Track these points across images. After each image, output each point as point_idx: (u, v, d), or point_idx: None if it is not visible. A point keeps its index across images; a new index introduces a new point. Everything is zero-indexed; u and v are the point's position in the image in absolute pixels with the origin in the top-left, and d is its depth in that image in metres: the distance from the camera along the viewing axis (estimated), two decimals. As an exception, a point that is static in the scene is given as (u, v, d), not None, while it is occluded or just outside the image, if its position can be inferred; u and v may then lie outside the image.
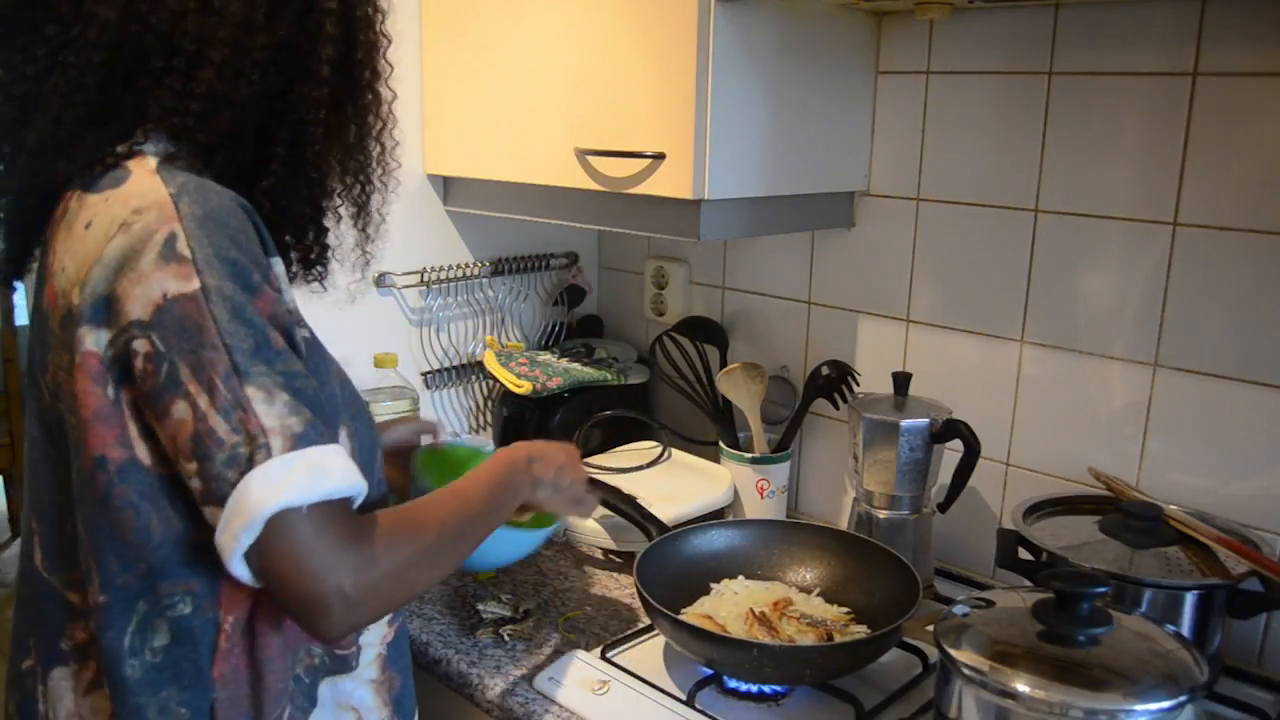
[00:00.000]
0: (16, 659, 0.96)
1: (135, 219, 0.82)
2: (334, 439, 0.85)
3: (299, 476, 0.79)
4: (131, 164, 0.87)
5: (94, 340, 0.83)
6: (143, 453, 0.85)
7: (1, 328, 3.36)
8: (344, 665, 0.97)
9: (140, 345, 0.80)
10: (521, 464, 1.07)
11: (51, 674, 0.93)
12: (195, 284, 0.80)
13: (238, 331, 0.81)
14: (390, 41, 1.00)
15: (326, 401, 0.90)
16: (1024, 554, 1.24)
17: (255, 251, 0.85)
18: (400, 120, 1.66)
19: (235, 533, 0.79)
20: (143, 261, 0.81)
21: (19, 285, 0.99)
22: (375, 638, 1.00)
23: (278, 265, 0.90)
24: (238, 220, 0.84)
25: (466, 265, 1.76)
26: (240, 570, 0.82)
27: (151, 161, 0.86)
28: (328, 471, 0.81)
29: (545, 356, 1.80)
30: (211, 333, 0.80)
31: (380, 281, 1.66)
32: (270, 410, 0.80)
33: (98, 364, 0.83)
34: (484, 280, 1.80)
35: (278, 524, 0.79)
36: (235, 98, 0.87)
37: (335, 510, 0.83)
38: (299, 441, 0.81)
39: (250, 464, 0.79)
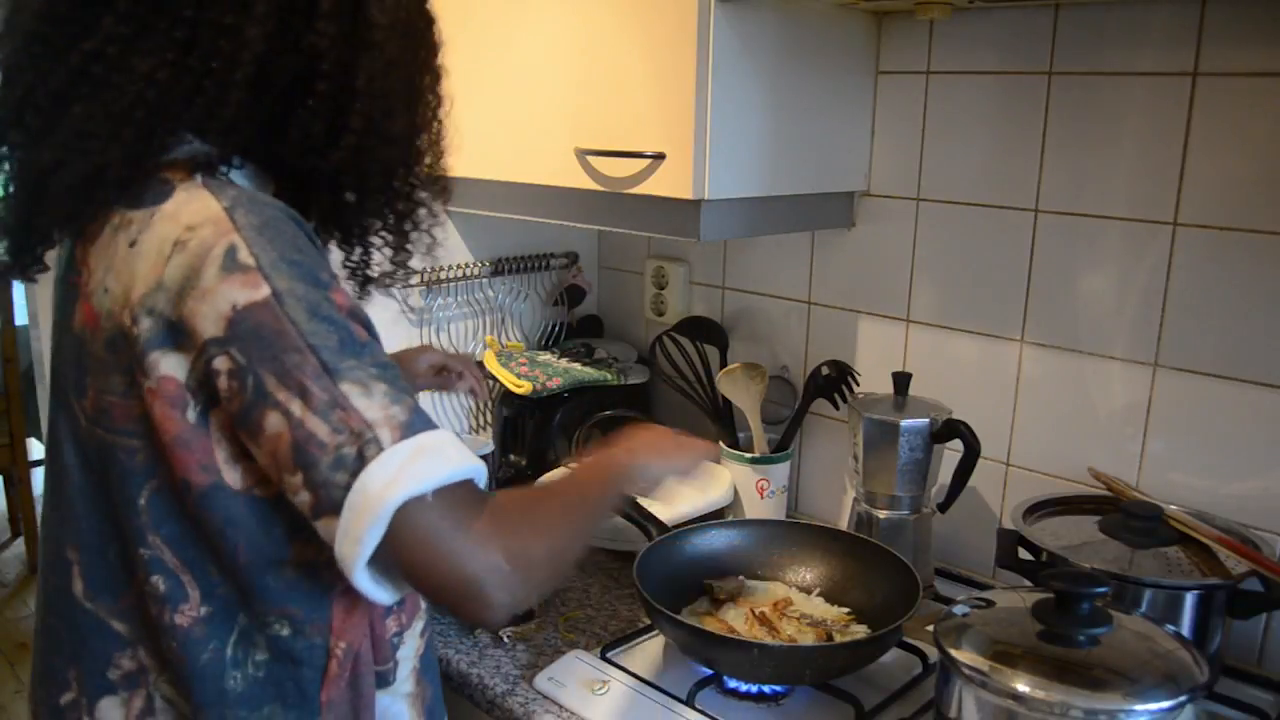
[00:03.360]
0: (53, 693, 0.92)
1: (190, 235, 0.78)
2: (435, 424, 0.81)
3: (418, 463, 0.76)
4: (173, 175, 0.83)
5: (170, 365, 0.79)
6: (232, 477, 0.82)
7: (1, 328, 3.36)
8: (382, 681, 0.95)
9: (221, 363, 0.77)
10: (619, 461, 1.01)
11: (99, 705, 0.89)
12: (265, 290, 0.77)
13: (319, 330, 0.77)
14: (431, 17, 0.95)
15: None
16: (1024, 554, 1.24)
17: (315, 254, 0.82)
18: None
19: (359, 536, 0.75)
20: (205, 277, 0.77)
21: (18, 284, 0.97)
22: (410, 651, 0.98)
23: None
24: (291, 229, 0.81)
25: (466, 265, 1.76)
26: (364, 582, 0.78)
27: (196, 176, 0.83)
28: (445, 454, 0.78)
29: (545, 356, 1.80)
30: (292, 335, 0.76)
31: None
32: (371, 403, 0.77)
33: (176, 389, 0.79)
34: (484, 280, 1.80)
35: (406, 517, 0.76)
36: (235, 79, 0.82)
37: (463, 491, 0.80)
38: (408, 429, 0.77)
39: (362, 461, 0.75)
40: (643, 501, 1.41)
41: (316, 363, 0.76)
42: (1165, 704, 0.87)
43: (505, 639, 1.28)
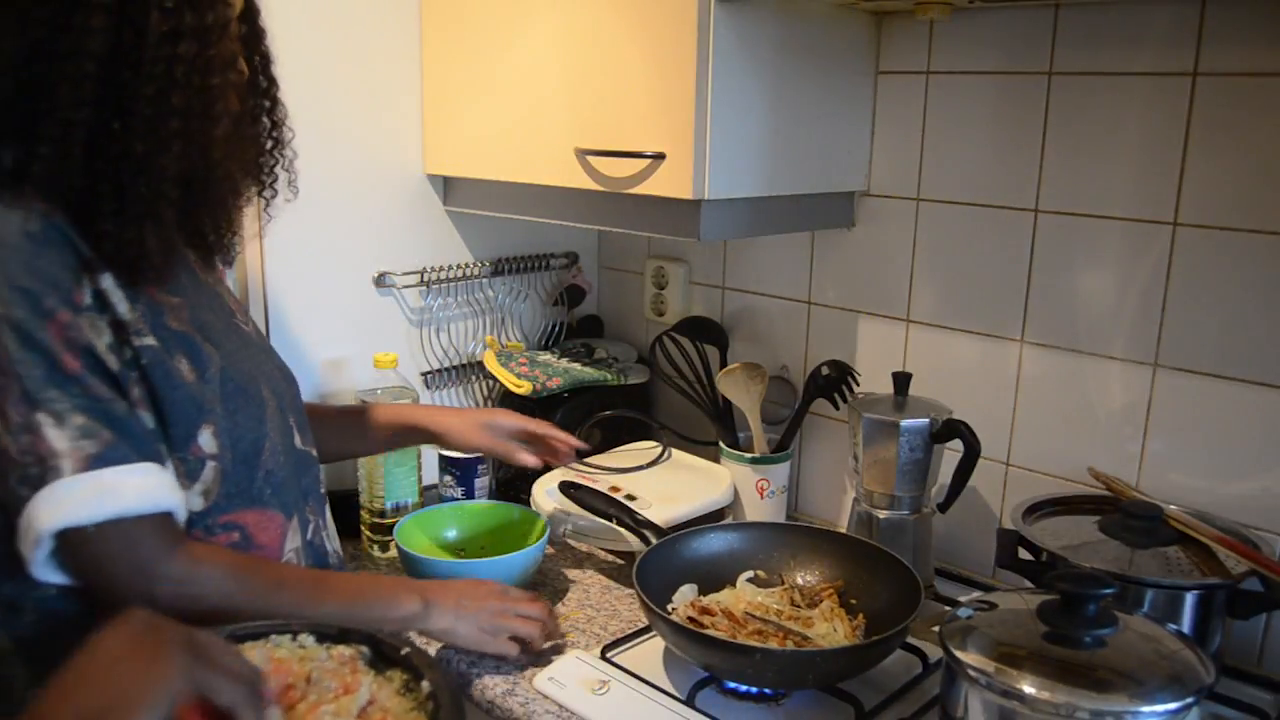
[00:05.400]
0: None
1: None
2: (144, 458, 0.91)
3: (84, 496, 0.86)
4: None
5: None
6: None
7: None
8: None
9: None
10: (408, 599, 1.10)
11: None
12: None
13: (26, 359, 0.86)
14: (223, 26, 0.96)
15: (179, 405, 0.96)
16: (1024, 554, 1.24)
17: (56, 274, 0.88)
18: (400, 120, 1.68)
19: (30, 545, 0.87)
20: None
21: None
22: None
23: (106, 279, 0.93)
24: (38, 245, 0.88)
25: (466, 265, 1.76)
26: (48, 576, 0.90)
27: None
28: (118, 492, 0.88)
29: (545, 356, 1.80)
30: (0, 360, 0.85)
31: (380, 281, 1.66)
32: (61, 434, 0.86)
33: None
34: (484, 280, 1.80)
35: (69, 540, 0.87)
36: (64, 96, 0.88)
37: (141, 526, 0.90)
38: (94, 462, 0.87)
39: (41, 483, 0.86)
40: (635, 506, 1.41)
41: (19, 389, 0.86)
42: (1172, 705, 0.87)
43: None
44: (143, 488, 0.90)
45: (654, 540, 1.33)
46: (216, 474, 1.00)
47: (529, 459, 1.39)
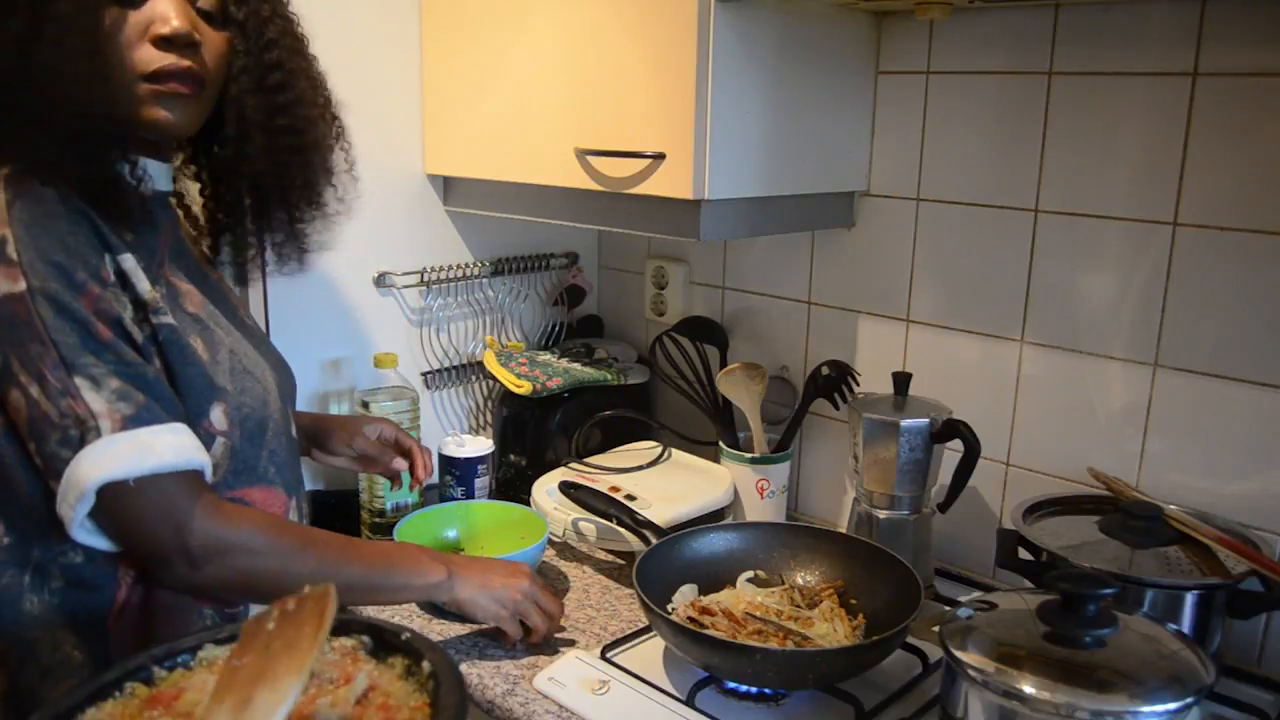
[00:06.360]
0: None
1: None
2: (174, 419, 0.96)
3: (125, 453, 0.91)
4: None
5: None
6: (4, 425, 0.95)
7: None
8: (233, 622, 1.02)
9: None
10: (434, 567, 1.14)
11: None
12: (22, 285, 0.90)
13: (62, 327, 0.91)
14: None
15: (193, 382, 1.01)
16: (1024, 554, 1.24)
17: (84, 252, 0.94)
18: (400, 120, 1.69)
19: (72, 503, 0.91)
20: None
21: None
22: None
23: (127, 261, 0.98)
24: (67, 224, 0.93)
25: (466, 265, 1.76)
26: (84, 538, 0.94)
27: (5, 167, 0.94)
28: (155, 449, 0.93)
29: (545, 356, 1.80)
30: (38, 329, 0.90)
31: (380, 281, 1.66)
32: (98, 396, 0.91)
33: None
34: (484, 280, 1.80)
35: (109, 494, 0.91)
36: None
37: (176, 481, 0.95)
38: (129, 423, 0.92)
39: (82, 443, 0.90)
40: (635, 506, 1.41)
41: (56, 356, 0.91)
42: (1172, 705, 0.87)
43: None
44: (176, 445, 0.94)
45: (654, 540, 1.33)
46: (225, 450, 1.04)
47: (402, 464, 1.37)
